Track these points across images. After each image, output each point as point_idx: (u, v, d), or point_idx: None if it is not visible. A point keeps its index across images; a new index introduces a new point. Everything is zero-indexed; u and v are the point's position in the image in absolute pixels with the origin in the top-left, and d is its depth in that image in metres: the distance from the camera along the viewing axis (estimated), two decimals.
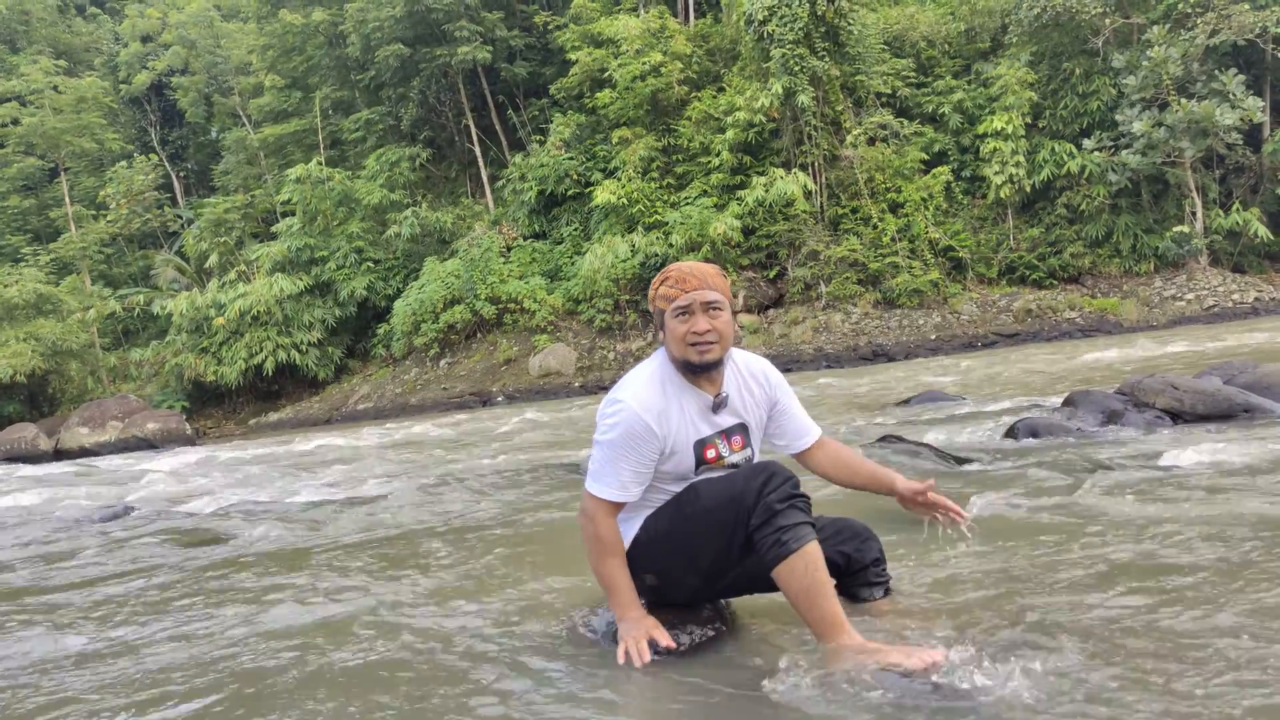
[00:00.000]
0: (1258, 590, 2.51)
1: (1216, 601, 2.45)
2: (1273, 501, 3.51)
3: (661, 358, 2.60)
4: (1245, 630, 2.22)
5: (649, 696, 2.28)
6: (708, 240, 23.66)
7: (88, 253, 34.95)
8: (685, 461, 2.54)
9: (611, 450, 2.48)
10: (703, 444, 2.55)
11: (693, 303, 2.50)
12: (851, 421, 8.47)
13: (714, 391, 2.58)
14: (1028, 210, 24.76)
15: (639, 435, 2.46)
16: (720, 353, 2.52)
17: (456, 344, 27.27)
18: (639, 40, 26.28)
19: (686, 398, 2.55)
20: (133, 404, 24.18)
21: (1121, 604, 2.51)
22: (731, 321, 2.56)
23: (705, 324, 2.48)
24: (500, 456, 9.26)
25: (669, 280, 2.56)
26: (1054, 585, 2.76)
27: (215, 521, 6.17)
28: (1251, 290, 21.88)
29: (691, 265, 2.58)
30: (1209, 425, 5.49)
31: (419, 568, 4.05)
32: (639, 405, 2.48)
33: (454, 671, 2.55)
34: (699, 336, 2.48)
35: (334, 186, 30.35)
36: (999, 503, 3.98)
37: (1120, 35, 24.45)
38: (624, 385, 2.57)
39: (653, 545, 2.55)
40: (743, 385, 2.66)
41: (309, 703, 2.41)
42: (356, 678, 2.58)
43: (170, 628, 3.37)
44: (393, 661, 2.69)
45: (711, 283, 2.53)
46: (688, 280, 2.53)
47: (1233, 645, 2.13)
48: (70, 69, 39.62)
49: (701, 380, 2.56)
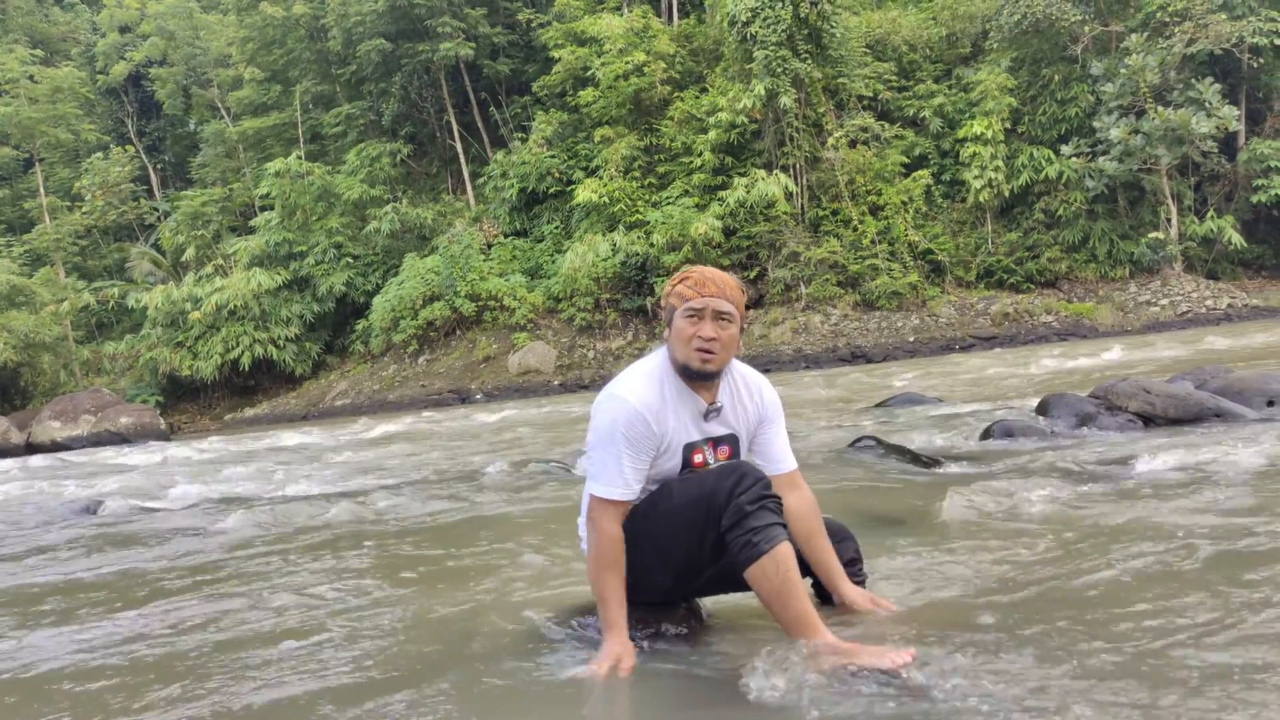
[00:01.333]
0: (1223, 596, 2.53)
1: (1184, 606, 2.48)
2: (1237, 505, 3.55)
3: (662, 356, 2.58)
4: (1210, 635, 2.24)
5: (621, 695, 2.28)
6: (689, 240, 23.69)
7: (62, 245, 34.54)
8: (673, 464, 2.54)
9: (612, 447, 2.45)
10: (691, 448, 2.55)
11: (706, 308, 2.48)
12: (829, 423, 8.50)
13: (709, 400, 2.57)
14: (1006, 215, 24.96)
15: (638, 431, 2.45)
16: (720, 364, 2.50)
17: (436, 341, 27.16)
18: (622, 39, 26.28)
19: (682, 401, 2.54)
20: (106, 398, 23.91)
21: (1089, 606, 2.53)
22: (737, 337, 2.53)
23: (712, 332, 2.46)
24: (479, 454, 9.23)
25: (689, 280, 2.53)
26: (1025, 586, 2.78)
27: (187, 516, 6.11)
28: (1225, 296, 22.16)
29: (715, 272, 2.55)
30: (1180, 429, 5.55)
31: (392, 562, 4.03)
32: (638, 401, 2.46)
33: (417, 667, 2.53)
34: (704, 343, 2.45)
35: (313, 181, 30.16)
36: (971, 505, 4.00)
37: (1099, 43, 24.70)
38: (621, 381, 2.54)
39: (627, 544, 2.55)
40: (737, 397, 2.64)
41: (285, 698, 2.39)
42: (325, 672, 2.56)
43: (133, 624, 3.34)
44: (366, 657, 2.68)
45: (729, 294, 2.51)
46: (707, 285, 2.50)
47: (1195, 653, 2.15)
48: (47, 59, 39.13)
49: (698, 386, 2.54)
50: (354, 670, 2.58)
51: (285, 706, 2.35)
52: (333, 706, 2.30)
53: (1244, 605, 2.41)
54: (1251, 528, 3.18)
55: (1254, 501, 3.59)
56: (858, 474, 5.21)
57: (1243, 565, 2.76)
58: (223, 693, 2.49)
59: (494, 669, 2.49)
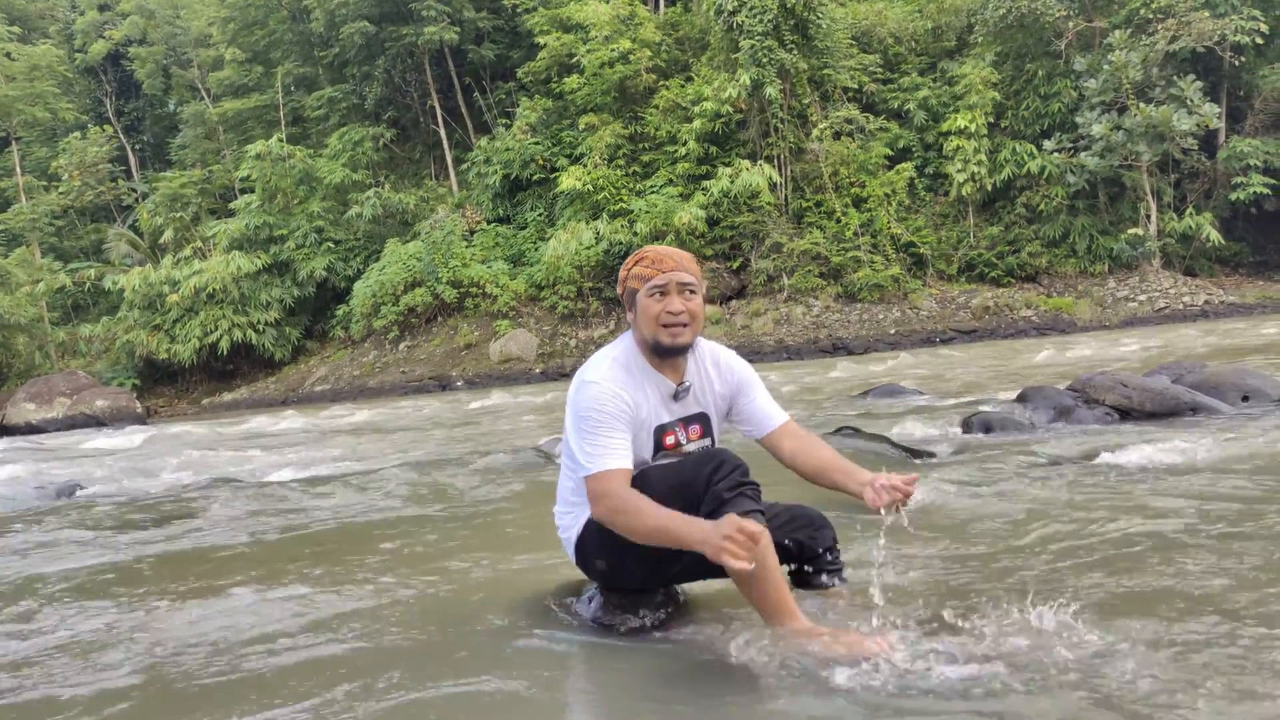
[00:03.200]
0: (1200, 583, 2.56)
1: (1159, 591, 2.50)
2: (1211, 496, 3.59)
3: (627, 341, 2.59)
4: (1190, 623, 2.26)
5: (597, 679, 2.28)
6: (672, 229, 23.67)
7: (38, 225, 34.07)
8: (644, 447, 2.54)
9: (595, 428, 2.44)
10: (663, 430, 2.55)
11: (669, 282, 2.49)
12: (808, 412, 8.53)
13: (677, 379, 2.58)
14: (988, 209, 25.08)
15: (617, 409, 2.45)
16: (691, 336, 2.52)
17: (416, 327, 27.03)
18: (608, 26, 26.16)
19: (650, 383, 2.55)
20: (82, 380, 23.68)
21: (1064, 591, 2.55)
22: (703, 307, 2.56)
23: (680, 305, 2.48)
24: (459, 441, 9.21)
25: (645, 260, 2.55)
26: (1000, 575, 2.80)
27: (162, 501, 6.06)
28: (1201, 293, 22.38)
29: (667, 248, 2.58)
30: (1156, 422, 5.60)
31: (372, 547, 4.01)
32: (612, 382, 2.48)
33: (402, 650, 2.52)
34: (673, 317, 2.47)
35: (295, 164, 29.89)
36: (951, 494, 4.03)
37: (1083, 39, 24.81)
38: (592, 368, 2.54)
39: (604, 531, 2.54)
40: (704, 376, 2.66)
41: (270, 685, 2.37)
42: (309, 663, 2.54)
43: (107, 612, 3.31)
44: (350, 645, 2.66)
45: (688, 266, 2.54)
46: (664, 261, 2.52)
47: (1177, 632, 2.16)
48: (24, 36, 38.54)
49: (666, 366, 2.56)
50: (338, 650, 2.57)
51: (276, 695, 2.33)
52: (323, 689, 2.29)
53: (1225, 588, 2.43)
54: (1226, 516, 3.22)
55: (1228, 492, 3.63)
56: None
57: (1219, 552, 2.79)
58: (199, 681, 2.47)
59: (483, 651, 2.48)
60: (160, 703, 2.31)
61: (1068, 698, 1.88)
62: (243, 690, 2.33)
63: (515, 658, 2.43)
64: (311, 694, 2.25)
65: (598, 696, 2.18)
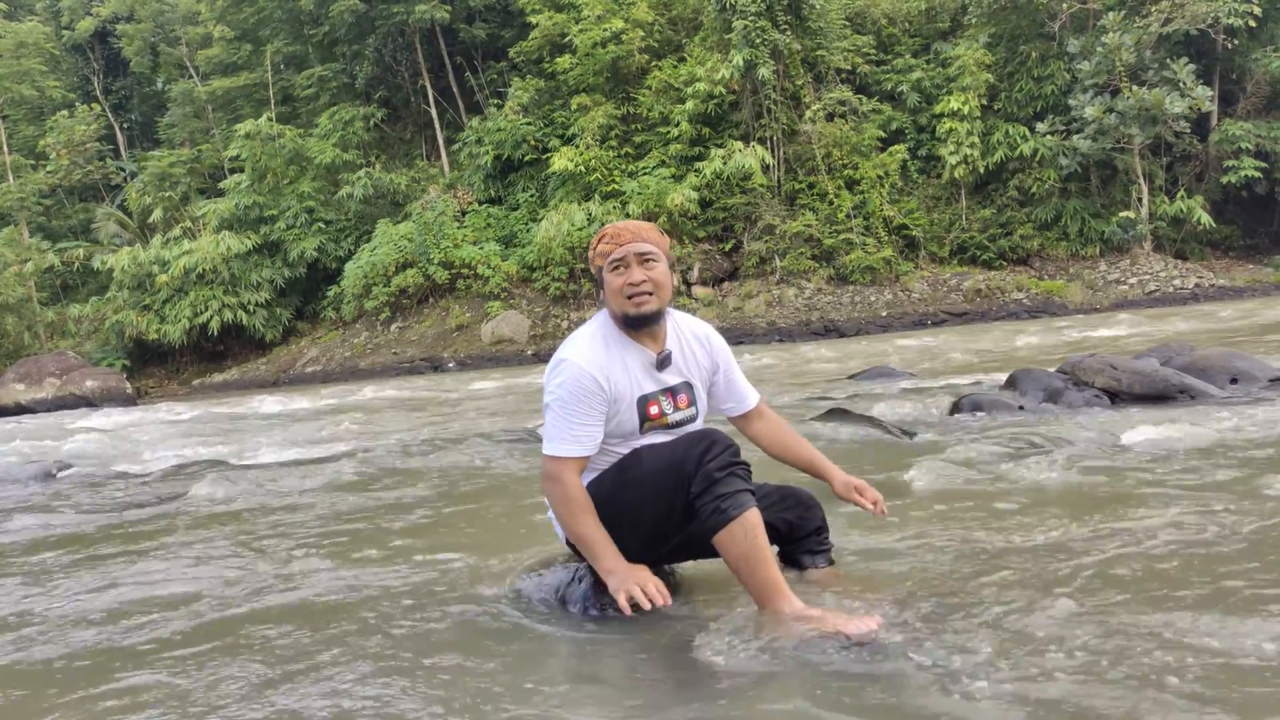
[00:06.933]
0: (1189, 568, 2.57)
1: (1149, 571, 2.51)
2: (1200, 478, 3.60)
3: (603, 317, 2.62)
4: (1180, 610, 2.27)
5: (587, 658, 2.28)
6: (664, 211, 23.61)
7: (26, 204, 33.75)
8: (629, 419, 2.54)
9: (563, 409, 2.48)
10: (646, 400, 2.56)
11: (627, 254, 2.52)
12: (799, 394, 8.54)
13: (656, 349, 2.60)
14: (980, 191, 25.05)
15: (588, 390, 2.47)
16: (658, 304, 2.53)
17: (408, 308, 26.95)
18: (600, 6, 25.98)
19: (630, 355, 2.56)
20: (71, 361, 23.57)
21: (1054, 571, 2.56)
22: (669, 274, 2.58)
23: (640, 274, 2.50)
24: (451, 422, 9.20)
25: (605, 237, 2.59)
26: (989, 556, 2.81)
27: (150, 481, 6.05)
28: (1192, 276, 22.43)
29: (627, 222, 2.61)
30: (1145, 405, 5.62)
31: (360, 528, 4.01)
32: (584, 361, 2.50)
33: (385, 631, 2.52)
34: (635, 288, 2.49)
35: (285, 144, 29.66)
36: (940, 476, 4.04)
37: (1076, 20, 24.73)
38: (567, 345, 2.58)
39: (596, 511, 2.54)
40: (685, 345, 2.68)
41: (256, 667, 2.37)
42: (293, 641, 2.54)
43: (92, 591, 3.30)
44: (335, 628, 2.66)
45: (646, 236, 2.56)
46: (622, 234, 2.55)
47: (1164, 615, 2.18)
48: (10, 12, 38.11)
49: (643, 336, 2.58)
50: (327, 633, 2.57)
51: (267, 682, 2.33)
52: (313, 672, 2.29)
53: (1215, 570, 2.45)
54: (1217, 498, 3.23)
55: (1218, 475, 3.64)
56: (826, 445, 5.23)
57: (1210, 533, 2.80)
58: (193, 661, 2.47)
59: (468, 631, 2.49)
60: (120, 669, 2.31)
61: (1060, 683, 1.89)
62: (211, 670, 2.32)
63: (502, 637, 2.43)
64: (288, 676, 2.25)
65: (585, 676, 2.19)
